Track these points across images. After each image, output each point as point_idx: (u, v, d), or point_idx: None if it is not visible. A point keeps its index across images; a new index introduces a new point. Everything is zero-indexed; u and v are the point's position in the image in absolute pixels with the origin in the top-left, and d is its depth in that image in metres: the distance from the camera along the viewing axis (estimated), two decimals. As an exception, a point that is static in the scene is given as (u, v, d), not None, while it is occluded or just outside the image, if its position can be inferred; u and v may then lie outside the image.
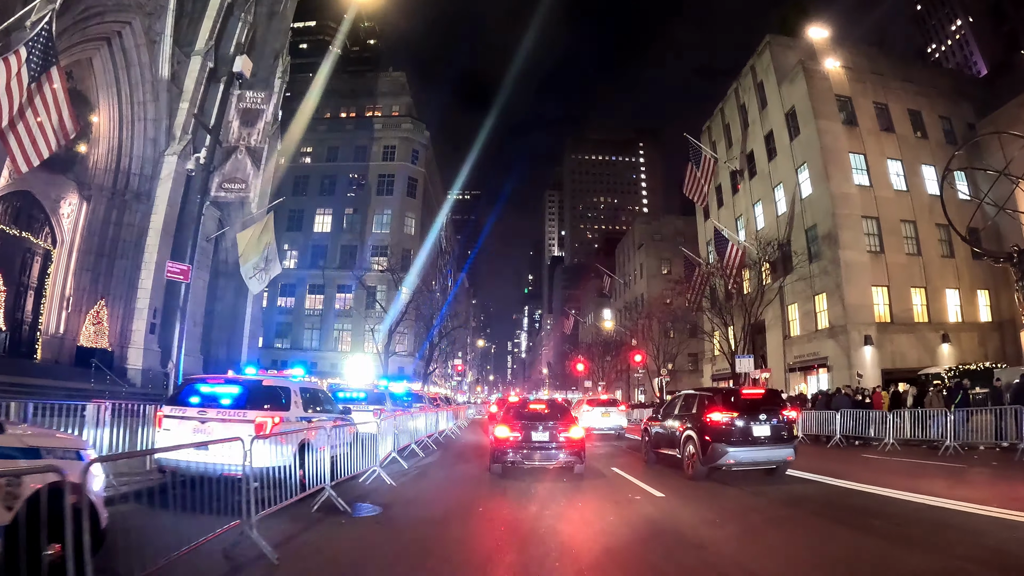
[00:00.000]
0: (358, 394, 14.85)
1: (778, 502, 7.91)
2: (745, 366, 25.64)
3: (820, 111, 29.97)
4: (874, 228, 28.77)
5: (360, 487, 8.48)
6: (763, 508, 7.59)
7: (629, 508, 7.60)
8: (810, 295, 28.94)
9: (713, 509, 7.43)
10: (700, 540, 5.81)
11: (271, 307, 57.80)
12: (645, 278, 56.93)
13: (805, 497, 8.29)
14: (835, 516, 6.92)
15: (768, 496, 8.36)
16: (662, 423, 11.75)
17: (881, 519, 6.66)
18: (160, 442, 6.96)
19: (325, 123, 63.35)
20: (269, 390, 7.59)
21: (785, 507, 7.60)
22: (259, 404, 7.13)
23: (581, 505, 7.83)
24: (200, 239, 24.92)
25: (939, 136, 32.63)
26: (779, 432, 9.59)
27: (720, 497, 8.35)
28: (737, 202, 37.89)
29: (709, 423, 9.60)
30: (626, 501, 8.03)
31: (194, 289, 24.32)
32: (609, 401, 24.09)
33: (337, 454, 7.78)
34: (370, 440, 9.37)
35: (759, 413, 9.65)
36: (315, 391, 9.25)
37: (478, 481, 9.91)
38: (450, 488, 9.31)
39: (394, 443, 11.05)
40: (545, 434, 10.00)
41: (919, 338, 27.89)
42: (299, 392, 8.16)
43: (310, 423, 7.84)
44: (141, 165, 24.55)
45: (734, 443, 9.38)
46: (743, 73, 37.60)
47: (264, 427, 6.77)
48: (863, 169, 29.78)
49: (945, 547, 5.35)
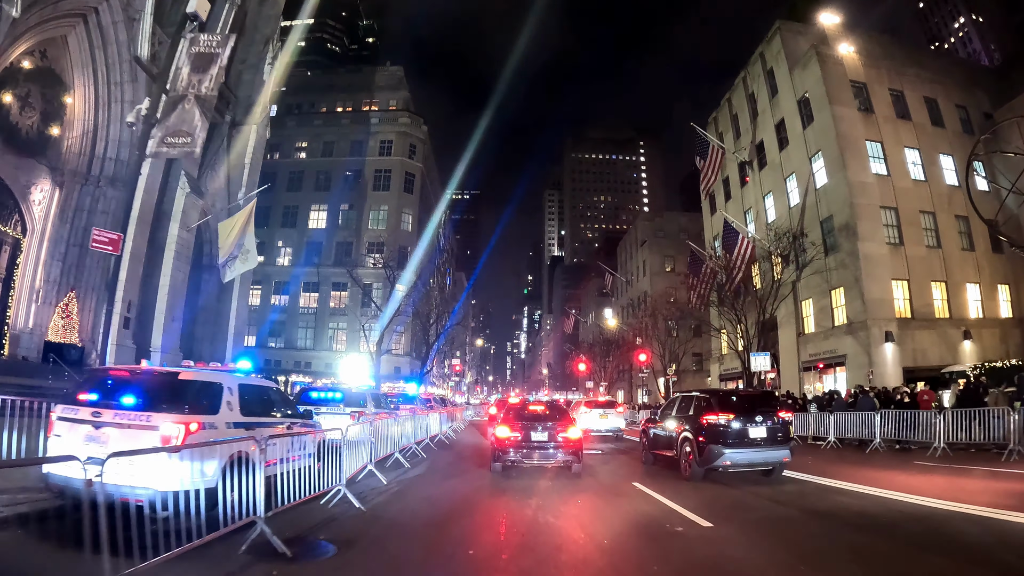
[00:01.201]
0: (334, 394, 12.81)
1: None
2: (760, 364, 24.18)
3: (835, 96, 28.59)
4: (893, 219, 27.39)
5: (318, 513, 6.76)
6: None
7: (673, 545, 5.79)
8: (826, 290, 27.49)
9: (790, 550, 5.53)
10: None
11: (264, 305, 56.40)
12: (648, 275, 55.52)
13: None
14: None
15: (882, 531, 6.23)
16: (659, 425, 11.85)
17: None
18: (51, 451, 5.42)
19: (321, 117, 62.04)
20: (190, 387, 5.84)
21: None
22: (174, 405, 5.50)
23: (608, 542, 5.86)
24: (180, 229, 23.57)
25: (956, 125, 31.35)
26: (775, 433, 9.66)
27: (783, 527, 6.61)
28: (746, 194, 36.47)
29: (705, 425, 9.70)
30: (666, 535, 6.18)
31: (173, 281, 22.91)
32: (607, 403, 23.99)
33: (287, 471, 6.02)
34: (337, 451, 7.64)
35: (755, 415, 9.71)
36: (262, 389, 7.46)
37: (470, 504, 8.09)
38: (434, 514, 7.37)
39: (371, 453, 9.31)
40: (544, 434, 10.24)
41: (940, 335, 26.49)
42: (235, 391, 6.42)
43: (249, 430, 6.12)
44: (117, 149, 23.11)
45: (730, 445, 9.46)
46: (751, 61, 36.24)
47: (174, 436, 5.16)
48: (880, 157, 28.42)
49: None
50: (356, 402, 12.62)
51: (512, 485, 9.25)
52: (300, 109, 64.68)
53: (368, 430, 9.25)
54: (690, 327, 44.65)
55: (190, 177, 24.00)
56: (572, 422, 10.84)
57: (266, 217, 57.91)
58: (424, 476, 10.51)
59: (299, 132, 60.66)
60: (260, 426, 6.44)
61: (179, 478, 4.70)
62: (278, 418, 7.34)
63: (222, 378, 6.42)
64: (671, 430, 10.99)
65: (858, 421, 15.72)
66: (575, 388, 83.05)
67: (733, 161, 37.05)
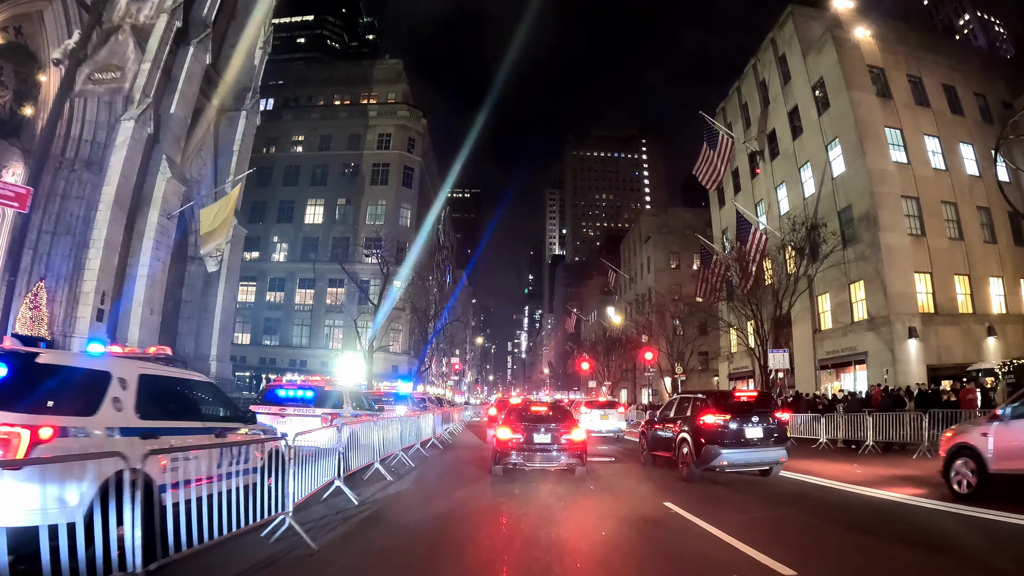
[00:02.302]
0: (304, 393, 10.68)
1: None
2: (779, 361, 22.73)
3: (852, 81, 27.23)
4: (914, 209, 26.01)
5: (251, 553, 4.94)
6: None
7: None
8: (844, 284, 26.07)
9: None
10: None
11: (260, 302, 55.15)
12: (653, 272, 54.15)
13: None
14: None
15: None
16: (658, 426, 11.97)
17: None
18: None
19: (318, 111, 60.75)
20: (54, 376, 4.10)
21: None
22: (21, 400, 3.79)
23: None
24: (160, 215, 22.23)
25: (975, 114, 30.06)
26: (771, 434, 9.76)
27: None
28: (756, 186, 35.07)
29: (703, 425, 9.80)
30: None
31: (152, 272, 21.57)
32: (607, 403, 23.44)
33: (213, 495, 4.45)
34: (285, 468, 5.68)
35: (752, 415, 9.81)
36: (181, 384, 5.65)
37: (461, 538, 6.06)
38: (410, 554, 5.42)
39: (339, 465, 7.57)
40: (547, 436, 9.87)
41: (964, 331, 25.12)
42: (132, 383, 4.60)
43: (149, 439, 4.43)
44: (94, 131, 21.78)
45: (727, 445, 9.53)
46: (762, 47, 34.87)
47: (13, 445, 3.54)
48: (899, 145, 27.06)
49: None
50: (331, 402, 10.71)
51: (516, 508, 7.52)
52: (297, 102, 63.40)
53: (334, 437, 7.50)
54: (695, 325, 43.34)
55: (171, 162, 22.68)
56: (576, 424, 10.47)
57: (262, 212, 56.65)
58: (407, 493, 8.71)
59: (296, 126, 59.40)
60: (169, 433, 4.80)
61: (21, 508, 3.31)
62: (204, 424, 5.49)
63: (112, 365, 4.65)
64: (669, 431, 11.13)
65: (900, 423, 14.21)
66: (577, 388, 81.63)
67: (743, 152, 35.66)
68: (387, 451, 10.77)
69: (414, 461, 11.92)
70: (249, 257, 56.00)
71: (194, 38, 25.75)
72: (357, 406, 11.71)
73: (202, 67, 25.84)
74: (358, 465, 9.02)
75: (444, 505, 7.83)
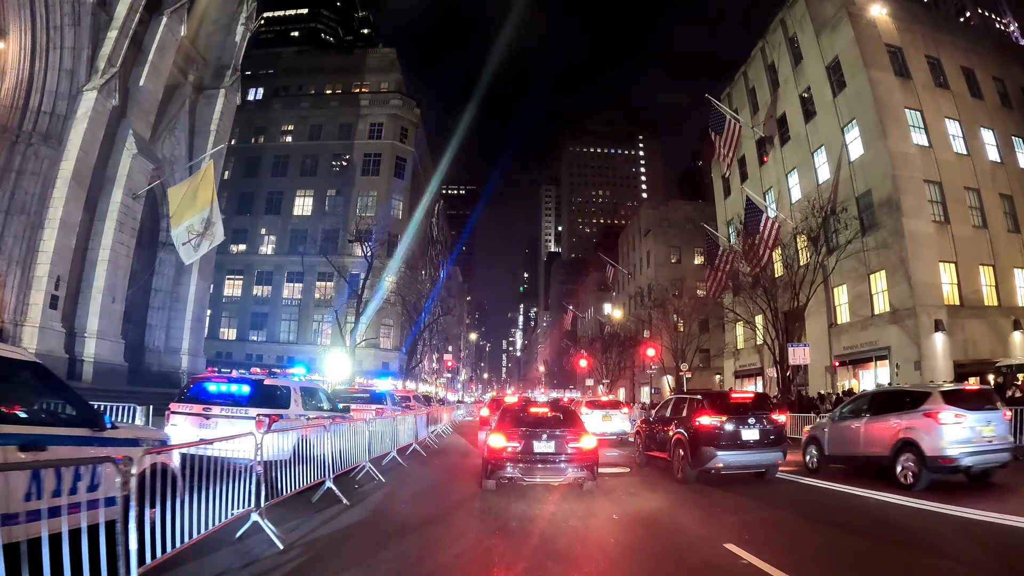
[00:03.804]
0: (240, 388, 8.26)
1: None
2: (800, 356, 21.02)
3: (871, 59, 25.65)
4: (937, 194, 24.44)
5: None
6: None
7: None
8: (863, 274, 24.44)
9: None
10: None
11: (246, 296, 53.35)
12: (653, 267, 52.50)
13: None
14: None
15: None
16: (654, 426, 11.84)
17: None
18: None
19: (308, 100, 58.86)
20: None
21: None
22: None
23: None
24: (125, 194, 20.38)
25: (994, 98, 28.62)
26: (768, 436, 9.66)
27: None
28: (765, 174, 33.43)
29: (698, 427, 9.66)
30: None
31: (114, 256, 19.71)
32: (610, 403, 21.55)
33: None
34: (218, 482, 4.27)
35: (748, 417, 9.70)
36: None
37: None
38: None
39: (254, 492, 5.23)
40: (550, 444, 8.45)
41: (991, 324, 23.59)
42: None
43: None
44: (54, 102, 19.88)
45: (723, 447, 9.42)
46: (771, 29, 33.26)
47: None
48: (920, 127, 25.50)
49: None
50: (274, 400, 8.33)
51: (514, 553, 5.43)
52: (287, 91, 61.40)
53: (249, 448, 5.20)
54: (698, 321, 41.72)
55: (139, 138, 20.81)
56: (584, 429, 8.95)
57: (249, 204, 54.80)
58: (362, 528, 6.30)
59: (285, 115, 57.51)
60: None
61: None
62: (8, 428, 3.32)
63: None
64: (665, 432, 10.93)
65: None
66: (573, 386, 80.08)
67: (750, 138, 34.04)
68: (350, 463, 8.81)
69: (387, 474, 9.83)
70: (236, 250, 54.18)
71: (168, 7, 23.92)
72: (312, 405, 9.45)
73: (176, 39, 24.01)
74: (301, 485, 6.83)
75: (412, 549, 5.53)
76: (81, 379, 18.03)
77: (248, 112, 56.41)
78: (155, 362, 21.44)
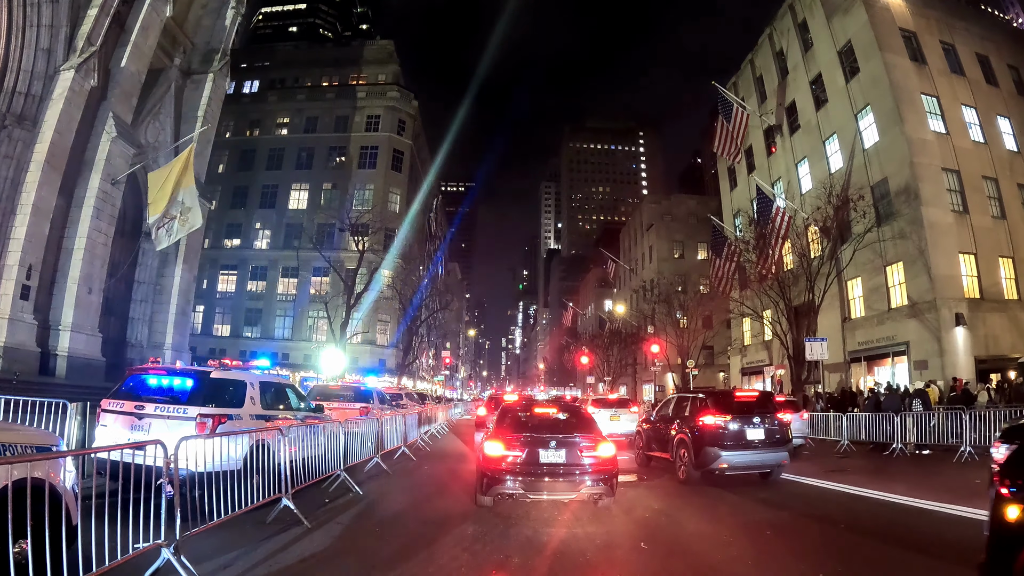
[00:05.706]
0: (182, 382, 6.59)
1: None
2: (817, 351, 19.96)
3: (885, 43, 24.67)
4: (955, 183, 23.45)
5: None
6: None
7: None
8: (879, 266, 23.42)
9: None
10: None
11: (241, 291, 52.28)
12: (656, 262, 51.48)
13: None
14: None
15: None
16: (656, 425, 11.63)
17: None
18: None
19: (304, 92, 57.75)
20: None
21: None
22: None
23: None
24: (103, 180, 19.32)
25: (1009, 86, 27.69)
26: (773, 435, 9.47)
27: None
28: (773, 164, 32.40)
29: (702, 426, 9.48)
30: None
31: (91, 244, 18.63)
32: (618, 401, 20.02)
33: None
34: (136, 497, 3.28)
35: (753, 416, 9.53)
36: None
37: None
38: None
39: (190, 513, 4.29)
40: (560, 453, 7.03)
41: (1012, 319, 22.59)
42: None
43: None
44: (29, 82, 18.78)
45: (727, 447, 9.22)
46: (779, 15, 32.24)
47: None
48: (937, 114, 24.52)
49: None
50: (224, 397, 6.71)
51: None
52: (283, 84, 60.30)
53: (185, 456, 4.19)
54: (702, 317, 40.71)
55: (119, 121, 19.73)
56: (600, 434, 7.50)
57: (244, 197, 53.69)
58: (312, 567, 4.81)
59: (281, 108, 56.42)
60: None
61: None
62: None
63: None
64: (667, 431, 10.71)
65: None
66: (573, 384, 79.08)
67: (757, 128, 32.99)
68: (323, 472, 7.63)
69: (365, 485, 8.50)
70: (230, 244, 53.18)
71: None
72: (274, 405, 7.86)
73: (161, 19, 22.91)
74: (253, 502, 5.58)
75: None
76: (55, 374, 16.98)
77: (243, 105, 55.39)
78: (137, 357, 20.43)
